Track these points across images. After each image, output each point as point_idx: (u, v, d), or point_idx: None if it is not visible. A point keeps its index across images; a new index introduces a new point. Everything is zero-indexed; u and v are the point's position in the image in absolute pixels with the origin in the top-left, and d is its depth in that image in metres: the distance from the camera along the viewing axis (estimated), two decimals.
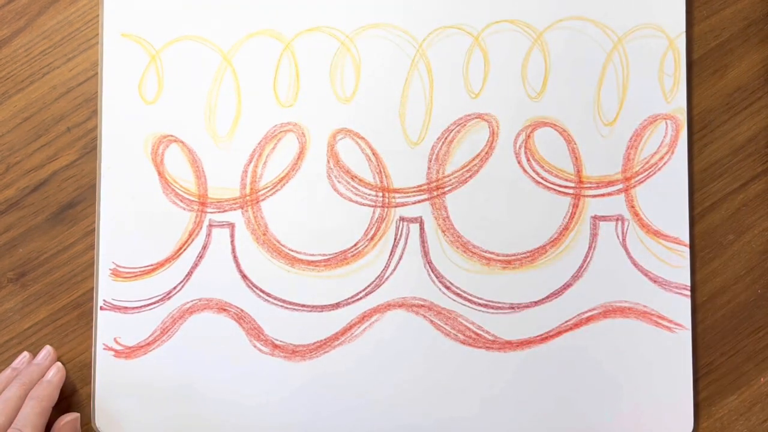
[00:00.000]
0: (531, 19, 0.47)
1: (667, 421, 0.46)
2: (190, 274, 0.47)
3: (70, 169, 0.47)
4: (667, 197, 0.47)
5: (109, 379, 0.46)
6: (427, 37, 0.47)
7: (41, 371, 0.46)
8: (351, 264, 0.47)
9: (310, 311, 0.47)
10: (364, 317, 0.47)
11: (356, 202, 0.47)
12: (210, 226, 0.47)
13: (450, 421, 0.46)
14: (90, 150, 0.47)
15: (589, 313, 0.47)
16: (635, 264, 0.47)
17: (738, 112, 0.48)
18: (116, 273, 0.46)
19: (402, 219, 0.47)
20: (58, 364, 0.46)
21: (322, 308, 0.47)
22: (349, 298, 0.47)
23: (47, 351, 0.47)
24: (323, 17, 0.47)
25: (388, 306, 0.47)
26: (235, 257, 0.47)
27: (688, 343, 0.47)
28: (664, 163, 0.47)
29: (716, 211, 0.48)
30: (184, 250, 0.47)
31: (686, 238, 0.47)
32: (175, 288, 0.47)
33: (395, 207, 0.47)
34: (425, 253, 0.47)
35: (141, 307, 0.46)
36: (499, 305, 0.46)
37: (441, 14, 0.47)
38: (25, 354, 0.47)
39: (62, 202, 0.47)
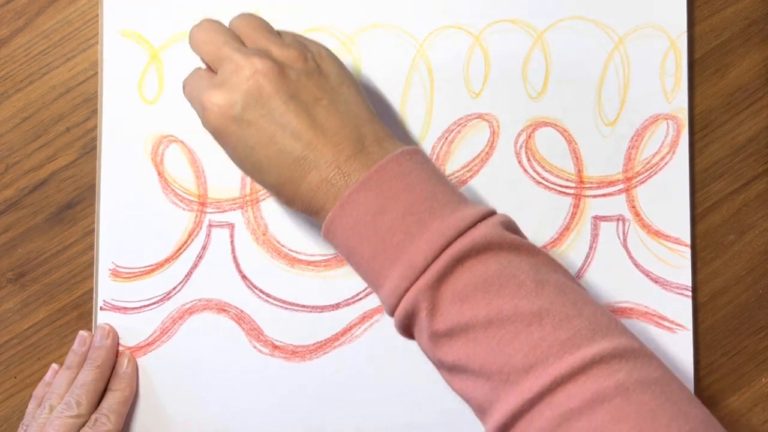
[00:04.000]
0: (531, 19, 0.47)
1: None
2: (189, 274, 0.46)
3: (70, 169, 0.47)
4: (668, 197, 0.47)
5: None
6: (427, 37, 0.47)
7: (110, 352, 0.45)
8: None
9: (310, 312, 0.47)
10: (364, 317, 0.46)
11: None
12: (210, 226, 0.47)
13: (451, 420, 0.46)
14: (89, 150, 0.47)
15: None
16: (636, 264, 0.47)
17: (739, 111, 0.48)
18: (116, 273, 0.46)
19: None
20: (128, 353, 0.46)
21: (322, 308, 0.47)
22: (349, 299, 0.47)
23: (106, 330, 0.46)
24: (323, 17, 0.47)
25: None
26: (234, 257, 0.46)
27: (689, 343, 0.47)
28: (665, 163, 0.47)
29: (717, 211, 0.48)
30: (184, 250, 0.46)
31: (687, 239, 0.47)
32: (174, 288, 0.46)
33: None
34: None
35: (141, 307, 0.46)
36: None
37: (441, 14, 0.47)
38: (83, 333, 0.46)
39: (61, 202, 0.47)
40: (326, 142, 0.36)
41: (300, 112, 0.36)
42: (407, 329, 0.35)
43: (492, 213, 0.35)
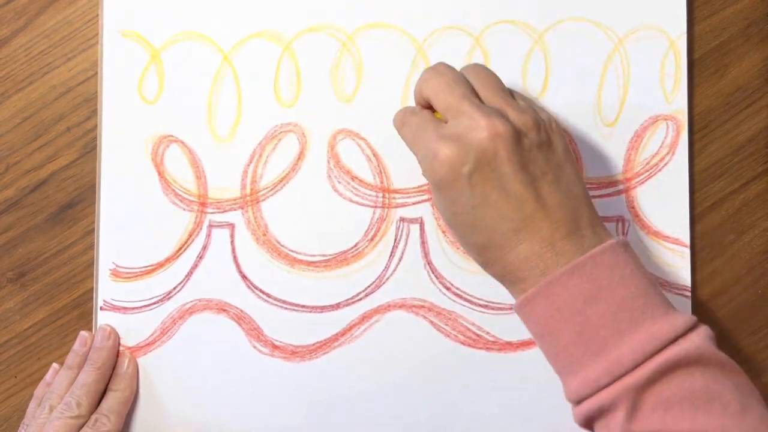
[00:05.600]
0: (531, 19, 0.47)
1: None
2: (189, 274, 0.47)
3: (70, 169, 0.47)
4: (668, 198, 0.47)
5: None
6: (427, 38, 0.47)
7: (110, 354, 0.45)
8: (351, 264, 0.47)
9: (310, 312, 0.47)
10: (364, 318, 0.47)
11: (356, 203, 0.47)
12: (210, 226, 0.47)
13: (451, 421, 0.46)
14: (90, 150, 0.47)
15: None
16: None
17: (738, 112, 0.48)
18: (116, 273, 0.46)
19: (402, 219, 0.47)
20: (128, 353, 0.46)
21: (322, 309, 0.47)
22: (349, 299, 0.47)
23: (107, 331, 0.46)
24: (323, 17, 0.47)
25: (388, 307, 0.47)
26: (235, 258, 0.47)
27: None
28: (665, 164, 0.47)
29: (717, 211, 0.48)
30: (184, 250, 0.46)
31: (687, 239, 0.47)
32: (175, 288, 0.46)
33: (395, 207, 0.47)
34: (425, 254, 0.47)
35: (141, 307, 0.46)
36: (500, 306, 0.46)
37: (441, 14, 0.47)
38: (84, 334, 0.46)
39: (62, 202, 0.47)
40: (545, 217, 0.36)
41: (527, 184, 0.36)
42: (589, 420, 0.35)
43: (698, 323, 0.35)
